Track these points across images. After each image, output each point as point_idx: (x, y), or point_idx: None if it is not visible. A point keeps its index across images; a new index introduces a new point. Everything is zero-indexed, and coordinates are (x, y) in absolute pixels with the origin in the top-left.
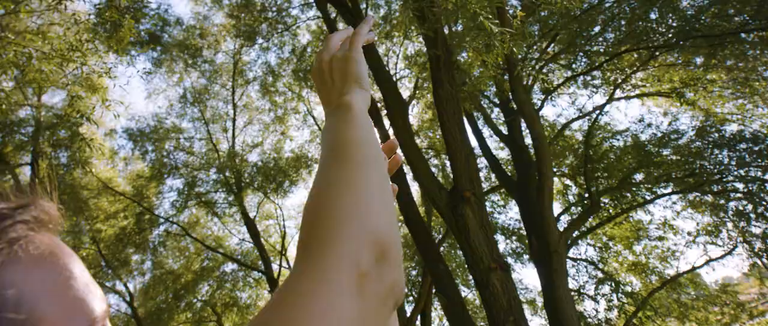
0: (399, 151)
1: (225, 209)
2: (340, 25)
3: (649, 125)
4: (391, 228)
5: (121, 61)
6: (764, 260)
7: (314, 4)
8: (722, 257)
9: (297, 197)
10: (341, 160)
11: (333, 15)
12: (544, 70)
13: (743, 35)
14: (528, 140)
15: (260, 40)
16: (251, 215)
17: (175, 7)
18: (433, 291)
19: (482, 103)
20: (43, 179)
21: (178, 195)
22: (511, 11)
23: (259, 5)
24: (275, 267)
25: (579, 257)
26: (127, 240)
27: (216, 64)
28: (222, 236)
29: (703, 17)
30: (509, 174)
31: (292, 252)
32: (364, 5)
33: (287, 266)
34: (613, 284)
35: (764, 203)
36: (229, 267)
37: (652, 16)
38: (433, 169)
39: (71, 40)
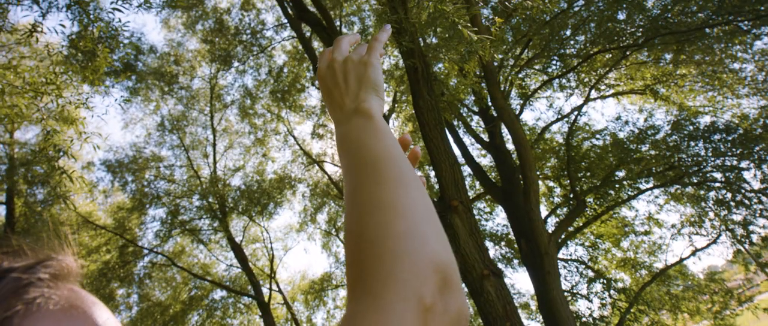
0: (413, 145)
1: (210, 235)
2: (315, 44)
3: (626, 123)
4: (449, 251)
5: (96, 92)
6: (747, 246)
7: (288, 25)
8: (707, 246)
9: (283, 218)
10: (380, 179)
11: (307, 34)
12: (521, 75)
13: (708, 30)
14: (510, 145)
15: (236, 63)
16: (237, 240)
17: (148, 35)
18: None
19: (461, 111)
20: (56, 225)
21: (162, 225)
22: (483, 20)
23: (232, 29)
24: (265, 290)
25: (569, 257)
26: (112, 275)
27: (192, 89)
28: (209, 263)
29: (668, 15)
30: (494, 180)
31: (281, 274)
32: (338, 22)
33: (277, 289)
34: (604, 282)
35: (743, 190)
36: (219, 294)
37: (620, 17)
38: None
39: (44, 72)
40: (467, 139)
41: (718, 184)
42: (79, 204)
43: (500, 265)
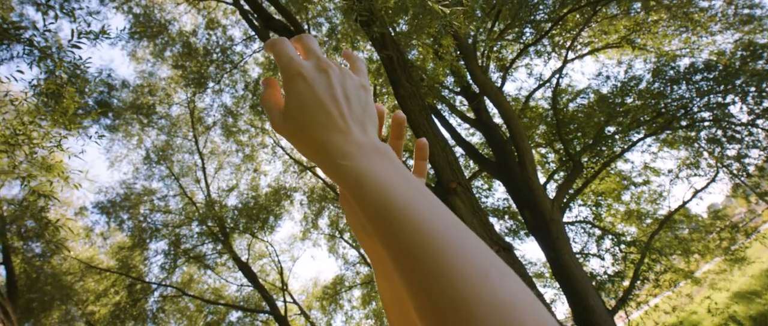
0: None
1: (216, 259)
2: None
3: (608, 78)
4: None
5: (72, 135)
6: (744, 179)
7: (257, 37)
8: (707, 186)
9: (285, 230)
10: (483, 268)
11: None
12: (495, 48)
13: None
14: (497, 119)
15: (211, 84)
16: (244, 258)
17: (117, 70)
18: None
19: (443, 93)
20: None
21: (165, 257)
22: None
23: (201, 50)
24: (280, 304)
25: (575, 220)
26: (124, 315)
27: (172, 117)
28: (219, 287)
29: None
30: (487, 156)
31: (292, 285)
32: (306, 26)
33: (291, 300)
34: (613, 237)
35: (732, 125)
36: (234, 316)
37: None
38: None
39: (11, 124)
40: (454, 120)
41: (707, 123)
42: (79, 251)
43: (508, 239)
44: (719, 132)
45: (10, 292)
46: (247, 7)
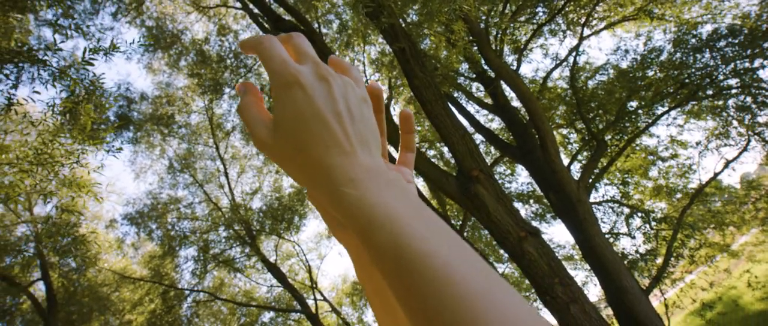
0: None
1: (245, 262)
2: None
3: (626, 52)
4: None
5: (92, 150)
6: None
7: None
8: (739, 155)
9: (310, 228)
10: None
11: None
12: (508, 31)
13: None
14: (515, 103)
15: (227, 89)
16: (272, 259)
17: (135, 84)
18: None
19: (459, 81)
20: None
21: (196, 263)
22: None
23: (215, 57)
24: (311, 302)
25: (602, 199)
26: (160, 322)
27: (192, 125)
28: (250, 289)
29: None
30: (507, 141)
31: (322, 283)
32: (316, 25)
33: (322, 298)
34: (643, 215)
35: (762, 91)
36: (267, 316)
37: None
38: (432, 160)
39: (35, 144)
40: (471, 107)
41: (735, 90)
42: (112, 262)
43: (534, 223)
44: (748, 98)
45: (50, 306)
46: (256, 10)
